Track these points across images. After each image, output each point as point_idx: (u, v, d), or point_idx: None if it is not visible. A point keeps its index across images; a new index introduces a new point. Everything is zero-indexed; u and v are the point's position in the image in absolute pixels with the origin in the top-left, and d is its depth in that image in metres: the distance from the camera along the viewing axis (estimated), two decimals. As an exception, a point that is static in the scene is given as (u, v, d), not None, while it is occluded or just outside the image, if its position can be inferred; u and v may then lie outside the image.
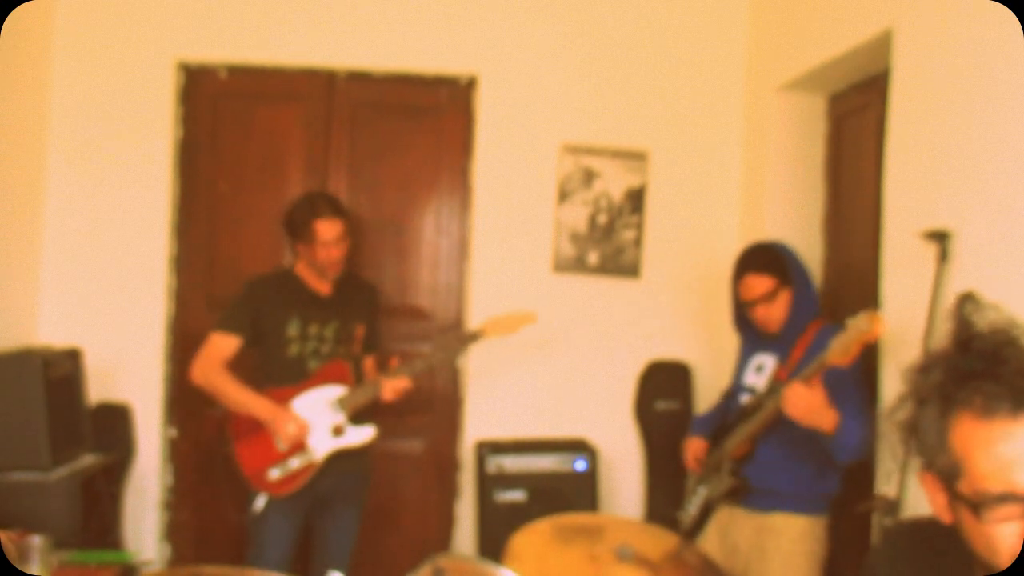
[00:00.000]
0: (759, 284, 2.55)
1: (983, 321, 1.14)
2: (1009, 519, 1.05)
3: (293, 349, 2.93)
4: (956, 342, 1.13)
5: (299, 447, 2.88)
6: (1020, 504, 1.04)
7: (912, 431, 1.14)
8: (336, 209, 2.94)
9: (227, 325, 2.93)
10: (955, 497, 1.10)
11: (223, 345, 2.91)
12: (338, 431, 2.92)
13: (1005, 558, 1.06)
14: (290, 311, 2.93)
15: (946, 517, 1.13)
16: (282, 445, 2.87)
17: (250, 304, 2.94)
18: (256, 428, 2.88)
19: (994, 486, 1.05)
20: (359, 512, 3.10)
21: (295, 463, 2.87)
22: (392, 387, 2.92)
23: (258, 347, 2.97)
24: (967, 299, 2.03)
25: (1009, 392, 1.05)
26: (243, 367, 2.96)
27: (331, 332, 2.98)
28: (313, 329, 2.95)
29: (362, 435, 2.96)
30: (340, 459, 2.94)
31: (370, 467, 3.14)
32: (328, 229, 2.89)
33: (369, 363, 3.15)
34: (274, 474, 2.87)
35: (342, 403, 2.92)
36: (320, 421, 2.90)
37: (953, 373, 1.10)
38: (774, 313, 2.56)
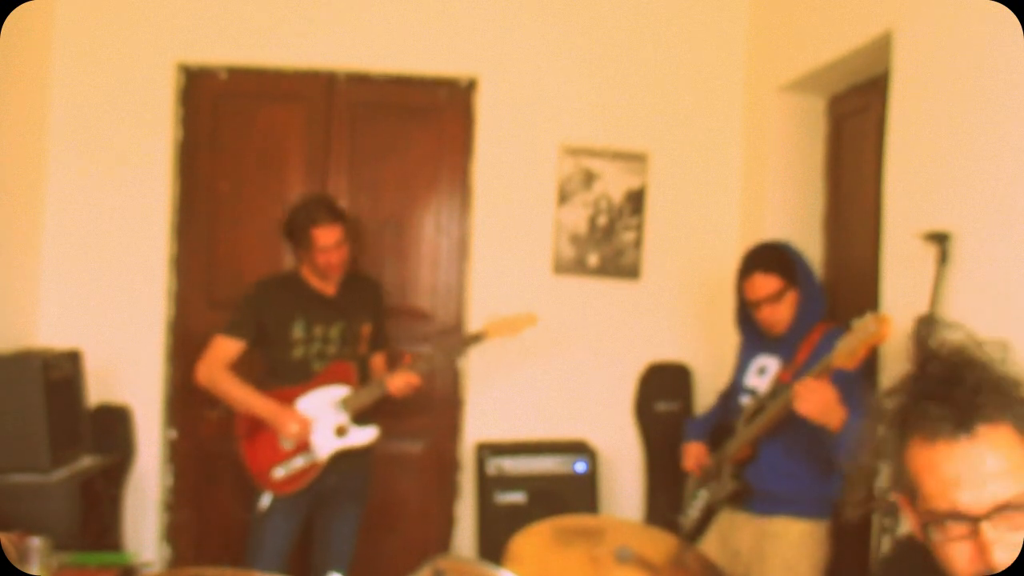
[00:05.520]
0: (766, 284, 2.50)
1: (941, 342, 1.17)
2: (958, 538, 1.07)
3: (298, 351, 2.93)
4: (915, 365, 1.16)
5: (303, 446, 2.89)
6: (965, 523, 1.06)
7: (878, 455, 1.18)
8: (334, 214, 2.93)
9: (232, 329, 2.94)
10: (916, 517, 1.13)
11: (227, 348, 2.92)
12: (341, 431, 2.93)
13: None
14: (295, 313, 2.93)
15: (920, 535, 1.15)
16: (287, 444, 2.89)
17: (255, 308, 2.95)
18: (261, 427, 2.90)
19: (939, 505, 1.08)
20: (360, 512, 3.11)
21: (299, 462, 2.89)
22: (402, 379, 2.92)
23: (263, 349, 2.97)
24: (924, 321, 2.06)
25: (952, 414, 1.08)
26: (246, 368, 2.96)
27: (336, 333, 2.98)
28: (318, 331, 2.95)
29: (365, 435, 2.97)
30: (343, 459, 2.95)
31: (372, 467, 3.15)
32: (326, 235, 2.88)
33: (378, 361, 3.16)
34: (279, 473, 2.88)
35: (345, 403, 2.93)
36: (324, 421, 2.91)
37: (910, 397, 1.13)
38: (780, 314, 2.51)
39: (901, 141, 2.53)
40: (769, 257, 2.56)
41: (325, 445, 2.92)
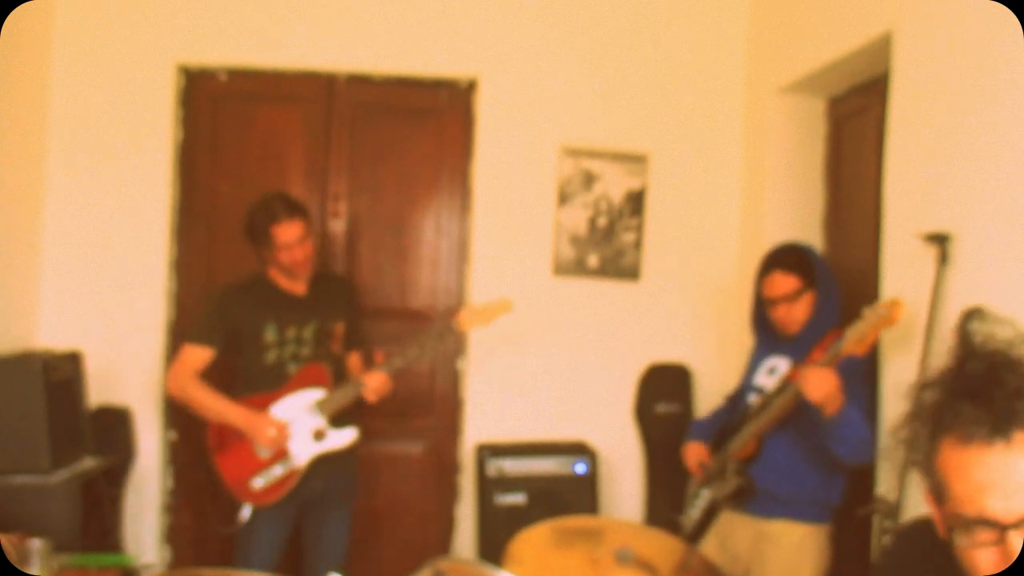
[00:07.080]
0: (784, 283, 2.52)
1: (986, 338, 1.13)
2: (983, 544, 1.05)
3: (271, 355, 2.88)
4: (955, 361, 1.12)
5: (281, 454, 2.84)
6: (992, 530, 1.04)
7: (910, 450, 1.15)
8: (293, 209, 2.86)
9: (200, 337, 2.89)
10: (943, 518, 1.11)
11: (196, 357, 2.87)
12: (319, 435, 2.88)
13: None
14: (266, 316, 2.88)
15: (944, 535, 1.13)
16: (263, 452, 2.84)
17: (224, 314, 2.90)
18: (236, 437, 2.84)
19: (968, 510, 1.05)
20: (350, 512, 3.06)
21: (278, 471, 2.84)
22: (373, 387, 2.88)
23: (236, 356, 2.92)
24: (973, 314, 1.99)
25: (989, 417, 1.04)
26: (215, 377, 2.92)
27: (310, 333, 2.93)
28: (291, 332, 2.90)
29: (344, 438, 2.92)
30: (325, 462, 2.90)
31: (357, 466, 3.10)
32: (287, 232, 2.82)
33: (354, 360, 3.11)
34: (258, 483, 2.83)
35: (321, 406, 2.87)
36: (300, 426, 2.86)
37: (946, 394, 1.10)
38: (795, 314, 2.53)
39: (901, 142, 2.53)
40: (791, 257, 2.58)
41: (303, 451, 2.86)
